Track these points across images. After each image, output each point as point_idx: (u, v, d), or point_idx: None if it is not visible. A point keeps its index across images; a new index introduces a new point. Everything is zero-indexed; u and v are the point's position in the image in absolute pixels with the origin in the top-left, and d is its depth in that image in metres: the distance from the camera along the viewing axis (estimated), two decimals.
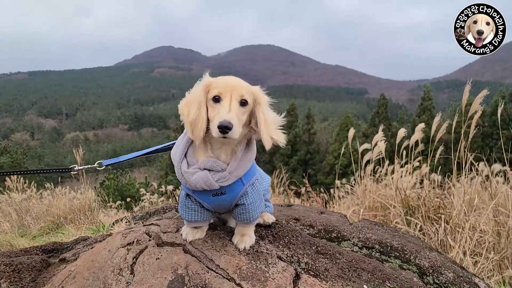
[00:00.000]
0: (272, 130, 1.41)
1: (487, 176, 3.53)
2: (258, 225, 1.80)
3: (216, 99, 1.36)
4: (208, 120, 1.38)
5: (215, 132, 1.29)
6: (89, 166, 2.08)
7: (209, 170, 1.44)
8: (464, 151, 3.26)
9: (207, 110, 1.38)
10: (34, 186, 7.87)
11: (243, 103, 1.37)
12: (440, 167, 4.11)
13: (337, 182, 5.42)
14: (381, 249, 1.90)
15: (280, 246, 1.70)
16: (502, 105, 3.45)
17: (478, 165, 3.74)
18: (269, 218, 1.86)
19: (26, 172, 2.20)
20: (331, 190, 5.78)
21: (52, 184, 8.83)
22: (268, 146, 1.39)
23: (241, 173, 1.48)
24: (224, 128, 1.25)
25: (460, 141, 3.25)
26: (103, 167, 2.07)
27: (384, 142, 4.14)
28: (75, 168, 2.07)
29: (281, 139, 1.42)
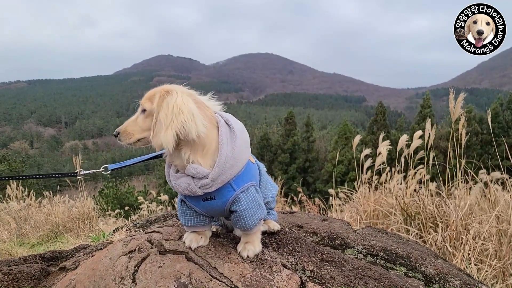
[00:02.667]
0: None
1: (486, 183, 3.52)
2: (263, 232, 1.78)
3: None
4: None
5: None
6: (95, 170, 2.02)
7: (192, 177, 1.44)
8: (456, 158, 3.27)
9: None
10: (33, 195, 7.81)
11: (143, 110, 1.48)
12: (438, 174, 4.12)
13: (331, 191, 5.35)
14: (386, 257, 1.88)
15: (285, 254, 1.68)
16: (490, 113, 3.49)
17: (475, 172, 3.74)
18: (275, 226, 1.85)
19: (31, 177, 2.18)
20: (330, 198, 5.71)
21: (51, 192, 8.76)
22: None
23: (226, 179, 1.44)
24: (114, 136, 1.50)
25: (449, 148, 3.27)
26: (109, 172, 2.01)
27: (387, 149, 4.14)
28: (80, 173, 2.03)
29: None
